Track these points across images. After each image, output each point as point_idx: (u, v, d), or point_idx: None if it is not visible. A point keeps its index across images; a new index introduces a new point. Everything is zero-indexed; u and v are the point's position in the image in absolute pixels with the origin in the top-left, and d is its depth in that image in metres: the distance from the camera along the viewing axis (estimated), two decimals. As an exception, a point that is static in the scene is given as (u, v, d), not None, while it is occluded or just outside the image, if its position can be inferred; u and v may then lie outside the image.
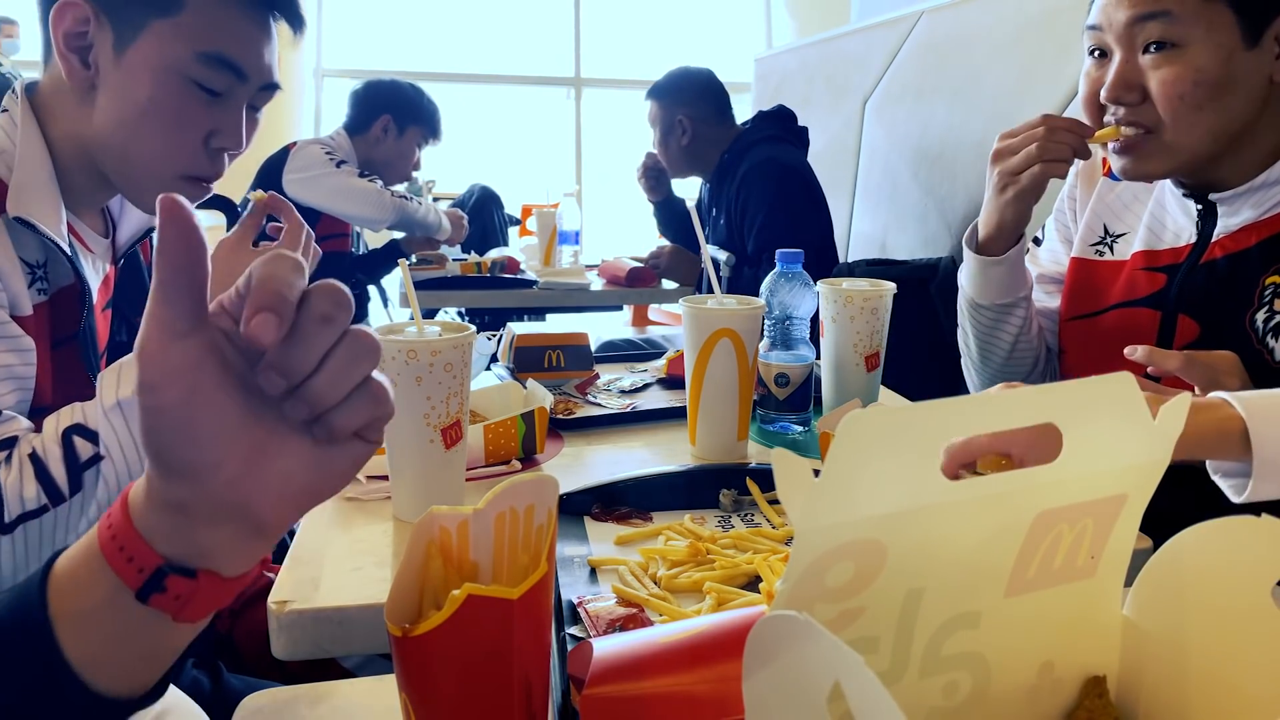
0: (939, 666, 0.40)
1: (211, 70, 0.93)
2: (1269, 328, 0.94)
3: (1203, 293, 1.00)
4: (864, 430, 0.34)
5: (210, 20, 0.92)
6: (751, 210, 2.25)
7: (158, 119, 0.92)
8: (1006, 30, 2.07)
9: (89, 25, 0.90)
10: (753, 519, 0.88)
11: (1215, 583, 0.42)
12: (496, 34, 5.28)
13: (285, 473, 0.43)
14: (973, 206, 2.15)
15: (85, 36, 0.90)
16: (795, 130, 2.43)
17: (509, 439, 1.02)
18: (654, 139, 2.47)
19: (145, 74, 0.91)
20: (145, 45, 0.90)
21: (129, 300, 1.10)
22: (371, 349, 0.42)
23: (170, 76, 0.91)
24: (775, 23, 5.33)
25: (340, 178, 2.39)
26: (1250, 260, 0.97)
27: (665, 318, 3.20)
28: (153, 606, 0.42)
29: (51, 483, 0.80)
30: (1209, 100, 0.92)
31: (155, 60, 0.91)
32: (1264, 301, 0.95)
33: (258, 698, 0.63)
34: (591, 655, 0.49)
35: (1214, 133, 0.94)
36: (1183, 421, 0.41)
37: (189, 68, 0.92)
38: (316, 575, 0.77)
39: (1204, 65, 0.91)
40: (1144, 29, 0.93)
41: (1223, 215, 1.00)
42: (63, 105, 0.93)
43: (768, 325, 1.18)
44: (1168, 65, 0.92)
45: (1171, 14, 0.91)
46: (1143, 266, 1.07)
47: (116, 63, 0.91)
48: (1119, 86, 0.96)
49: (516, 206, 3.75)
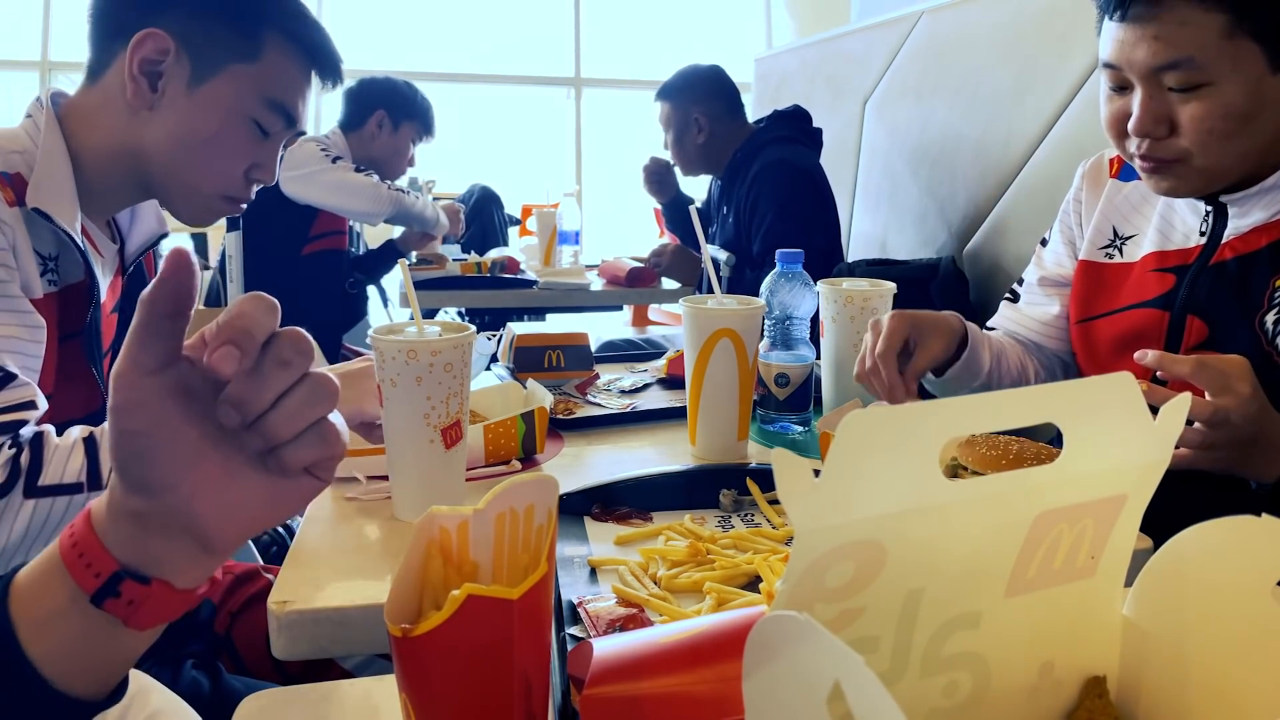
0: (939, 666, 0.40)
1: (272, 115, 1.03)
2: (1278, 329, 0.94)
3: (1212, 294, 0.99)
4: (864, 430, 0.34)
5: (280, 70, 1.03)
6: (761, 211, 2.25)
7: (216, 149, 1.01)
8: (1006, 30, 2.07)
9: (167, 56, 0.97)
10: (753, 519, 0.88)
11: (1215, 583, 0.42)
12: (496, 34, 5.28)
13: (236, 499, 0.46)
14: (973, 206, 2.15)
15: (160, 64, 0.97)
16: (809, 131, 2.42)
17: (509, 439, 1.02)
18: (666, 140, 2.45)
19: (216, 110, 1.00)
20: (220, 84, 0.99)
21: (135, 308, 1.11)
22: (328, 395, 0.46)
23: (237, 116, 1.01)
24: (775, 23, 5.33)
25: (336, 173, 2.40)
26: (1260, 262, 0.96)
27: (665, 318, 3.20)
28: (106, 611, 0.45)
29: (97, 470, 0.82)
30: (1239, 129, 0.91)
31: (227, 100, 1.00)
32: (1274, 303, 0.94)
33: (258, 698, 0.63)
34: (591, 655, 0.49)
35: (1246, 156, 0.94)
36: (1183, 421, 0.41)
37: (255, 110, 1.02)
38: (316, 575, 0.77)
39: (1232, 100, 0.90)
40: (1166, 75, 0.91)
41: (1233, 216, 1.00)
42: (107, 117, 0.99)
43: (768, 325, 1.18)
44: (1196, 102, 0.91)
45: (1194, 60, 0.89)
46: (1153, 268, 1.07)
47: (188, 94, 0.99)
48: (1147, 122, 0.94)
49: (516, 206, 3.76)
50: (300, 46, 1.04)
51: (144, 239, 1.13)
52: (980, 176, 2.13)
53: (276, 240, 2.44)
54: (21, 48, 4.59)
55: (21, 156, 0.94)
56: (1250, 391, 0.83)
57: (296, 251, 2.50)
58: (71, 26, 4.62)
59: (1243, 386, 0.83)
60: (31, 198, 0.92)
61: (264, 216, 2.36)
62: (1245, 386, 0.83)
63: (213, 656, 1.04)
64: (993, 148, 2.09)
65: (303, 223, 2.49)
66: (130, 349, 0.43)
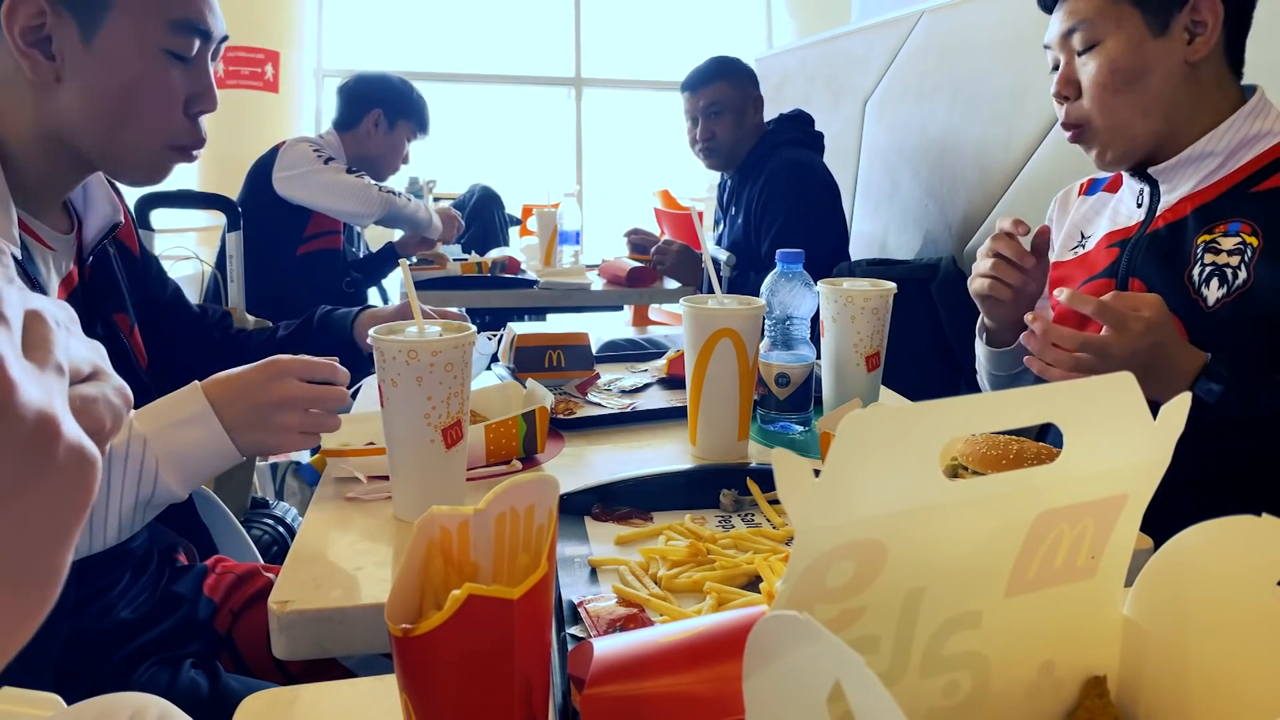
0: (939, 666, 0.40)
1: (182, 36, 0.93)
2: (1201, 279, 1.06)
3: (1148, 257, 1.13)
4: (864, 430, 0.34)
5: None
6: (771, 211, 2.26)
7: (142, 96, 0.92)
8: (1006, 30, 2.07)
9: (45, 18, 0.88)
10: (753, 519, 0.88)
11: (1216, 582, 0.42)
12: (496, 34, 5.28)
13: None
14: (972, 207, 2.15)
15: (42, 29, 0.88)
16: (813, 134, 2.44)
17: (510, 439, 1.02)
18: (700, 130, 2.41)
19: (122, 54, 0.90)
20: (115, 26, 0.90)
21: (104, 295, 1.06)
22: None
23: (147, 52, 0.92)
24: (775, 23, 5.32)
25: (328, 174, 2.40)
26: (1186, 226, 1.10)
27: (665, 318, 3.20)
28: None
29: None
30: (1126, 85, 1.09)
31: (130, 39, 0.91)
32: (1197, 258, 1.07)
33: (258, 698, 0.63)
34: (592, 655, 0.49)
35: (1140, 112, 1.09)
36: (1183, 422, 0.41)
37: (162, 39, 0.92)
38: (316, 575, 0.77)
39: (1117, 55, 1.08)
40: (1072, 39, 1.12)
41: (1164, 191, 1.14)
42: (15, 101, 0.91)
43: (768, 325, 1.18)
44: (1091, 61, 1.11)
45: (1086, 20, 1.10)
46: (1104, 246, 1.21)
47: (86, 49, 0.89)
48: (1061, 83, 1.15)
49: (517, 206, 3.75)
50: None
51: (103, 222, 1.04)
52: (980, 176, 2.13)
53: (272, 240, 2.45)
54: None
55: None
56: (1141, 329, 0.93)
57: (292, 251, 2.51)
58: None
59: (1135, 325, 0.93)
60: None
61: (259, 217, 2.38)
62: (1139, 325, 0.93)
63: (213, 656, 1.04)
64: (993, 148, 2.09)
65: (297, 223, 2.49)
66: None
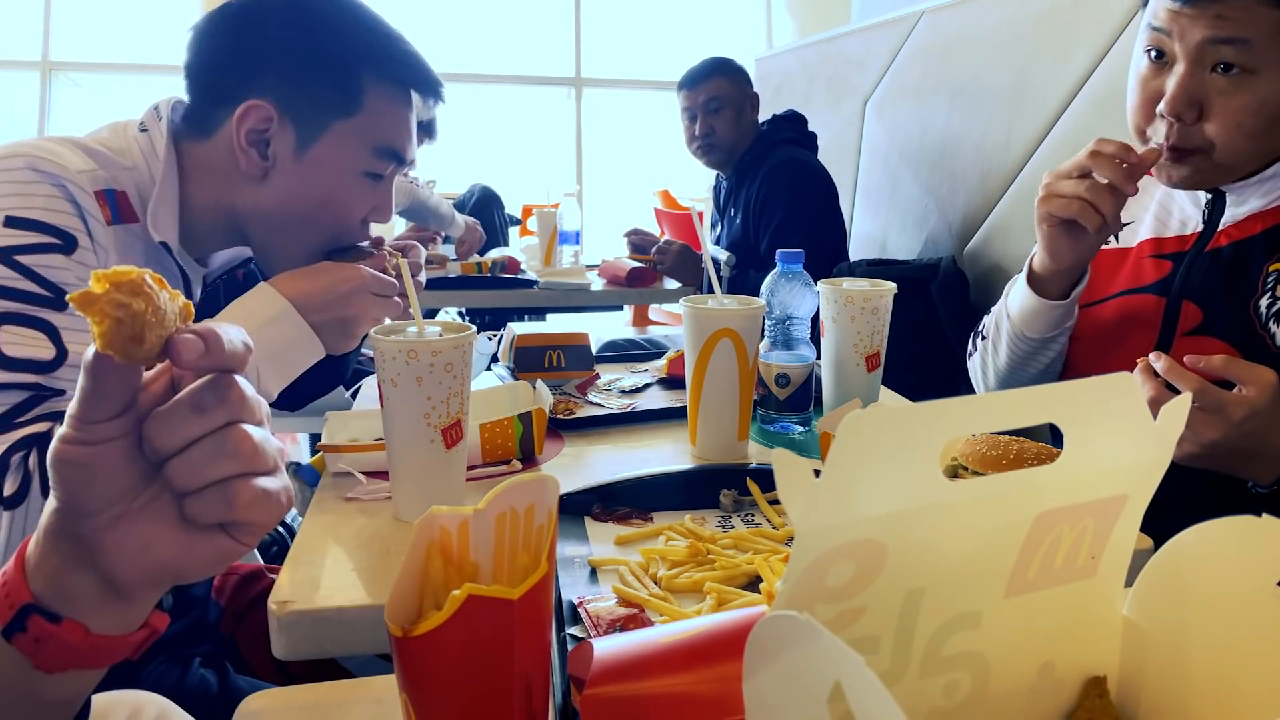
0: (939, 666, 0.40)
1: (382, 160, 1.01)
2: (1271, 313, 0.95)
3: (1207, 279, 1.01)
4: (864, 430, 0.34)
5: (383, 114, 1.00)
6: (770, 209, 2.28)
7: (333, 209, 1.00)
8: (1007, 30, 2.07)
9: (271, 124, 0.96)
10: (753, 519, 0.88)
11: (1216, 583, 0.42)
12: (496, 34, 5.27)
13: (146, 540, 0.44)
14: (972, 207, 2.15)
15: (266, 133, 0.96)
16: (808, 134, 2.47)
17: (505, 438, 1.02)
18: (704, 123, 2.45)
19: (326, 171, 0.98)
20: (327, 145, 0.98)
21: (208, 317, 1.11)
22: (237, 453, 0.43)
23: (349, 173, 1.00)
24: (775, 23, 5.32)
25: None
26: (1255, 247, 0.98)
27: (665, 318, 3.20)
28: (14, 646, 0.44)
29: None
30: (1265, 131, 0.92)
31: (336, 159, 0.99)
32: (1268, 287, 0.95)
33: (258, 698, 0.63)
34: (592, 655, 0.49)
35: (1263, 156, 0.96)
36: (1183, 422, 0.41)
37: (365, 162, 1.00)
38: (316, 575, 0.77)
39: (1269, 97, 0.91)
40: (1217, 50, 0.91)
41: (1231, 204, 1.01)
42: (218, 176, 0.98)
43: (768, 325, 1.18)
44: (1235, 92, 0.91)
45: (1250, 42, 0.89)
46: (1150, 254, 1.08)
47: (296, 159, 0.98)
48: (1181, 101, 0.93)
49: (517, 206, 3.75)
50: (398, 84, 1.01)
51: (225, 261, 1.12)
52: (980, 177, 2.13)
53: None
54: (22, 48, 4.58)
55: (130, 174, 0.93)
56: (1243, 416, 0.83)
57: None
58: (72, 26, 4.62)
59: (1236, 411, 0.84)
60: (153, 227, 0.93)
61: None
62: (1240, 411, 0.84)
63: (220, 657, 1.04)
64: (993, 148, 2.09)
65: None
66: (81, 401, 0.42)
